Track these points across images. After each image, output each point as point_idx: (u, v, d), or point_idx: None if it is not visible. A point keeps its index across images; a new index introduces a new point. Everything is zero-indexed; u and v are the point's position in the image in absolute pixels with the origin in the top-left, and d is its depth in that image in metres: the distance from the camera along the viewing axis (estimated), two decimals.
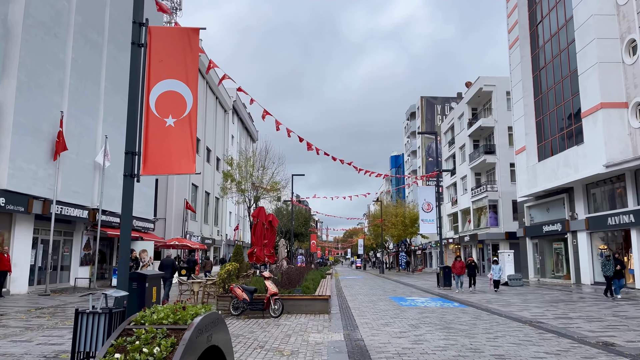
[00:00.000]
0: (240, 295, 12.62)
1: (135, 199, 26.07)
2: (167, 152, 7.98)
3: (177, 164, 7.98)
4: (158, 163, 7.97)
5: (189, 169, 7.96)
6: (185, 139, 8.02)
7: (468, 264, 20.48)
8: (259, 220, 19.83)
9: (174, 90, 8.16)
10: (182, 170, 7.99)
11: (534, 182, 29.03)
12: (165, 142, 7.99)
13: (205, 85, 43.63)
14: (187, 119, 8.09)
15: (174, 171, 8.01)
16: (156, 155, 7.97)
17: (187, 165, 7.97)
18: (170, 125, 8.04)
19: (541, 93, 29.53)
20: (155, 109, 8.05)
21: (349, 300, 17.68)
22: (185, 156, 7.97)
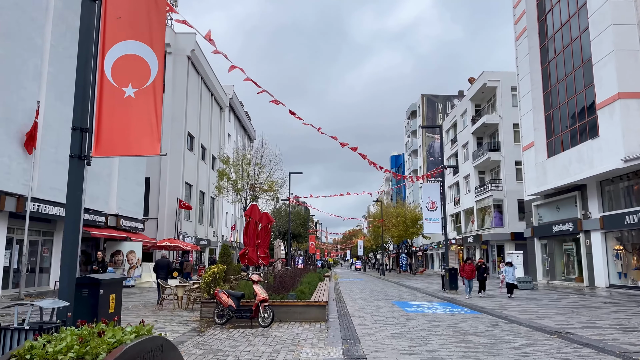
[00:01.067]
0: (225, 302, 11.13)
1: (124, 197, 24.56)
2: (125, 128, 6.48)
3: (138, 143, 6.49)
4: (114, 142, 6.48)
5: (151, 149, 6.47)
6: (148, 113, 6.53)
7: (478, 266, 18.84)
8: (252, 219, 18.29)
9: (135, 54, 6.67)
10: (143, 151, 6.50)
11: (544, 180, 27.55)
12: (124, 117, 6.50)
13: (200, 81, 42.16)
14: (150, 89, 6.59)
15: (133, 152, 6.52)
16: (112, 133, 6.47)
17: (150, 145, 6.48)
18: (130, 96, 6.55)
19: (551, 86, 28.07)
20: (111, 77, 6.55)
21: (348, 305, 16.18)
22: (147, 134, 6.48)
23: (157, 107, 6.60)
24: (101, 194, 24.17)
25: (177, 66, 37.50)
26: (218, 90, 47.61)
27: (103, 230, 23.77)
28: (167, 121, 35.97)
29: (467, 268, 18.59)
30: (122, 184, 26.39)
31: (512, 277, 18.36)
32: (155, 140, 6.49)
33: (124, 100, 6.50)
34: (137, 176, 28.62)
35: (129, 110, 6.48)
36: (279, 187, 39.72)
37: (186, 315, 12.94)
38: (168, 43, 36.72)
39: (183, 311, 14.00)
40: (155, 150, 6.46)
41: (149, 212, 34.96)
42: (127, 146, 6.45)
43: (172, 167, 35.96)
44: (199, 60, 40.19)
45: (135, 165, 28.24)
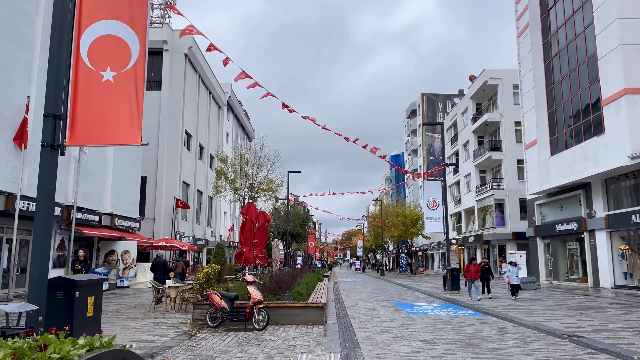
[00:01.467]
0: (218, 304, 10.58)
1: (119, 196, 23.97)
2: (103, 115, 5.93)
3: (117, 131, 5.93)
4: (90, 130, 5.92)
5: (132, 138, 5.92)
6: (128, 99, 5.97)
7: (482, 267, 18.16)
8: (248, 218, 17.73)
9: (114, 34, 6.12)
10: (122, 139, 5.94)
11: (547, 178, 27.00)
12: (101, 103, 5.95)
13: (197, 79, 41.61)
14: (131, 73, 6.04)
15: (111, 141, 5.96)
16: (88, 120, 5.92)
17: (130, 133, 5.93)
18: (108, 80, 6.00)
19: (554, 82, 27.52)
20: (87, 59, 6.00)
21: (348, 307, 15.63)
22: (127, 121, 5.93)
23: (139, 93, 6.05)
24: (95, 192, 23.61)
25: (174, 63, 36.96)
26: (216, 88, 47.06)
27: (97, 230, 23.20)
28: (163, 119, 35.44)
29: (472, 269, 17.72)
30: (117, 183, 25.82)
31: (516, 278, 17.66)
32: (136, 128, 5.94)
33: (102, 85, 5.95)
34: (133, 175, 28.06)
35: (107, 96, 5.93)
36: (278, 186, 39.17)
37: (178, 318, 12.38)
38: (165, 40, 36.21)
39: (176, 313, 13.45)
40: (136, 139, 5.91)
41: (145, 212, 34.42)
42: (105, 135, 5.91)
43: (169, 166, 35.40)
44: (196, 57, 39.65)
45: (131, 163, 27.68)
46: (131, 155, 27.76)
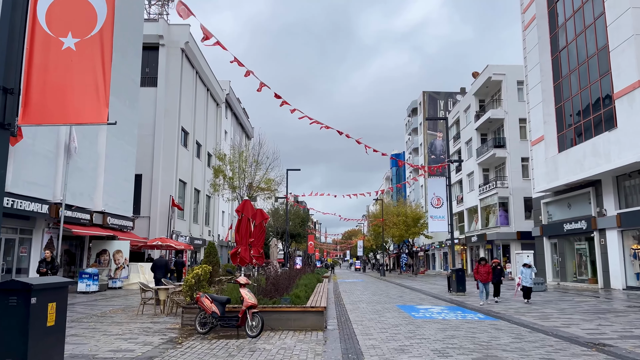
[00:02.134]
0: (208, 308, 9.67)
1: (111, 193, 22.98)
2: (62, 89, 5.01)
3: (79, 108, 5.01)
4: (48, 107, 5.00)
5: (96, 116, 5.00)
6: (93, 70, 5.06)
7: (493, 267, 16.75)
8: (244, 216, 16.79)
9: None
10: (85, 118, 5.02)
11: (554, 175, 26.09)
12: (61, 74, 5.03)
13: (194, 75, 40.67)
14: (96, 40, 5.12)
15: (72, 119, 5.04)
16: (45, 95, 5.00)
17: (95, 111, 5.00)
18: (69, 48, 5.08)
19: (562, 76, 26.61)
20: (45, 23, 5.08)
21: (349, 310, 14.72)
22: (91, 96, 5.01)
23: (105, 63, 5.14)
24: (85, 189, 22.69)
25: (171, 59, 36.04)
26: (214, 85, 46.14)
27: (87, 229, 22.27)
28: (159, 115, 34.56)
29: (482, 270, 16.11)
30: (109, 180, 24.90)
31: (529, 280, 16.41)
32: (101, 105, 5.02)
33: (62, 53, 5.04)
34: (126, 172, 27.13)
35: (69, 66, 5.02)
36: (277, 185, 38.27)
37: (167, 322, 11.47)
38: (161, 35, 35.31)
39: (165, 317, 12.55)
40: (102, 117, 5.00)
41: (141, 211, 33.54)
42: (65, 112, 4.98)
43: (164, 164, 34.49)
44: (193, 53, 38.72)
45: (124, 160, 26.76)
46: (125, 152, 26.84)
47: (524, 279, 16.45)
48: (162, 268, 18.19)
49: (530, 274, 16.50)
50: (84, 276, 20.84)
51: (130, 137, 27.62)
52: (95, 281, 21.04)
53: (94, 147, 23.53)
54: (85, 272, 20.96)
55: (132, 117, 27.94)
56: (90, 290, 20.75)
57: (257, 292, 11.48)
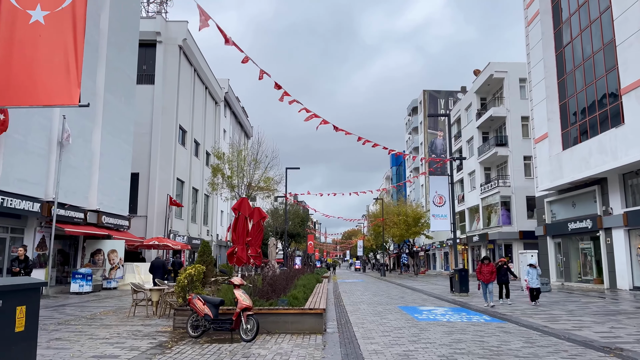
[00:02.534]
0: (200, 310, 9.15)
1: (106, 192, 22.44)
2: (29, 67, 4.48)
3: (48, 89, 4.48)
4: (13, 87, 4.47)
5: (67, 97, 4.47)
6: (63, 46, 4.53)
7: (498, 266, 15.90)
8: (241, 214, 16.27)
9: None
10: (55, 99, 4.49)
11: (559, 174, 25.56)
12: (28, 51, 4.50)
13: (192, 73, 40.15)
14: (68, 13, 4.59)
15: (41, 100, 4.51)
16: (10, 74, 4.47)
17: (65, 91, 4.47)
18: (37, 21, 4.55)
19: (566, 73, 26.09)
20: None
21: (349, 311, 14.18)
22: (61, 76, 4.48)
23: (78, 40, 4.60)
24: (79, 188, 22.14)
25: (168, 56, 35.51)
26: (212, 83, 45.61)
27: (81, 228, 21.73)
28: (157, 113, 34.04)
29: (485, 269, 15.22)
30: (104, 178, 24.35)
31: (536, 281, 15.35)
32: (73, 85, 4.50)
33: (29, 28, 4.51)
34: (122, 170, 26.58)
35: (36, 41, 4.49)
36: (276, 183, 37.75)
37: (158, 325, 10.94)
38: (158, 31, 34.77)
39: (157, 319, 12.01)
40: (73, 99, 4.47)
41: (138, 210, 33.03)
42: (33, 93, 4.46)
43: (162, 162, 33.96)
44: (191, 50, 38.19)
45: (120, 157, 26.22)
46: (120, 150, 26.30)
47: (531, 280, 15.50)
48: (159, 269, 17.73)
49: (536, 274, 15.56)
50: (77, 276, 20.31)
51: (126, 135, 27.09)
52: (88, 282, 20.50)
53: (88, 145, 22.98)
54: (79, 272, 20.42)
55: (128, 114, 27.40)
56: (84, 291, 20.21)
57: (252, 293, 10.96)
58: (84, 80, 22.23)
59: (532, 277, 15.45)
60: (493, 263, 15.90)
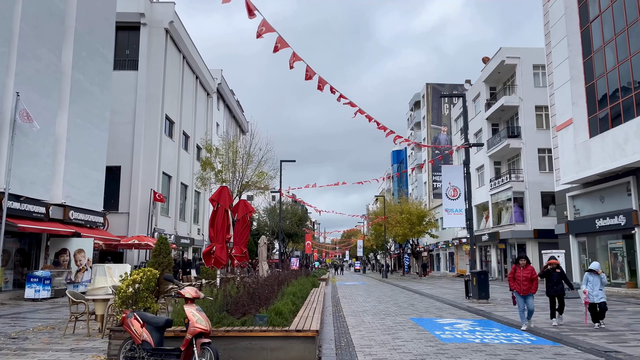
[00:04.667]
0: (137, 334, 6.28)
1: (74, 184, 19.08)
2: None
3: None
4: None
5: None
6: None
7: (546, 271, 11.39)
8: (220, 206, 13.38)
9: None
10: None
11: (586, 164, 22.71)
12: None
13: (181, 60, 37.21)
14: None
15: None
16: None
17: None
18: None
19: (593, 51, 23.24)
20: None
21: (351, 325, 11.30)
22: None
23: None
24: (38, 178, 19.22)
25: (153, 39, 32.61)
26: (204, 73, 42.67)
27: (40, 224, 18.79)
28: (140, 102, 31.13)
29: (522, 274, 10.65)
30: (72, 168, 21.47)
31: (601, 293, 10.79)
32: None
33: None
34: (95, 159, 23.67)
35: None
36: (270, 178, 34.91)
37: (92, 350, 8.08)
38: (142, 13, 31.88)
39: (101, 339, 9.15)
40: None
41: (120, 206, 30.16)
42: None
43: (146, 154, 31.05)
44: (179, 35, 35.27)
45: (91, 145, 23.31)
46: (93, 137, 23.40)
47: (591, 292, 10.91)
48: None
49: (600, 284, 10.89)
50: (33, 280, 17.43)
51: (100, 121, 24.19)
52: (46, 286, 17.61)
53: (51, 129, 20.04)
54: (34, 275, 17.53)
55: (103, 98, 24.50)
56: (40, 297, 17.33)
57: (221, 307, 8.09)
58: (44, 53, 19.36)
59: (594, 288, 10.92)
60: (533, 267, 11.03)
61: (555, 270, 11.37)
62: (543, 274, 11.50)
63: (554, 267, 11.38)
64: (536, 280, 10.73)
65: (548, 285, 11.41)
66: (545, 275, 11.47)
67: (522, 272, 10.85)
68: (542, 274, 11.53)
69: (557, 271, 11.36)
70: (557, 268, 11.39)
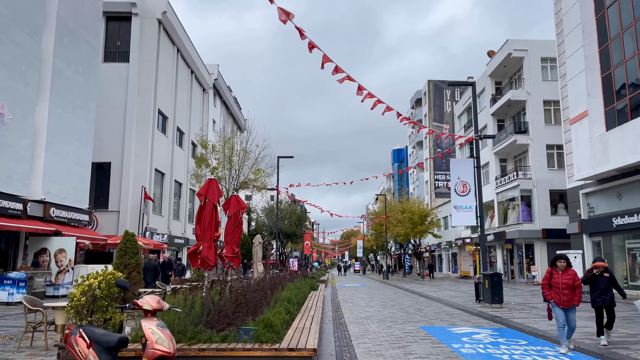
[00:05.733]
0: (82, 355, 4.86)
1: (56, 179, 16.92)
2: None
3: None
4: None
5: None
6: None
7: (592, 276, 9.18)
8: (208, 201, 11.95)
9: None
10: None
11: (603, 158, 21.29)
12: None
13: (175, 53, 35.76)
14: None
15: None
16: None
17: None
18: None
19: (610, 38, 21.84)
20: None
21: (354, 336, 9.86)
22: None
23: None
24: (15, 172, 17.79)
25: (145, 30, 31.18)
26: (200, 67, 41.24)
27: (15, 221, 17.32)
28: (132, 95, 29.71)
29: (563, 280, 8.43)
30: (53, 162, 20.05)
31: None
32: None
33: None
34: (79, 153, 22.24)
35: None
36: (267, 176, 33.55)
37: None
38: (133, 2, 30.48)
39: None
40: None
41: (109, 204, 28.75)
42: None
43: (137, 150, 29.62)
44: (173, 26, 33.83)
45: (75, 138, 21.88)
46: (77, 129, 21.97)
47: None
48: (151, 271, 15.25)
49: None
50: (6, 282, 15.98)
51: (85, 112, 22.75)
52: (21, 289, 16.15)
53: (30, 119, 18.61)
54: (8, 277, 16.07)
55: (88, 88, 23.08)
56: (14, 300, 15.88)
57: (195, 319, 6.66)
58: (22, 37, 17.94)
59: None
60: (574, 269, 8.75)
61: (602, 274, 9.13)
62: (587, 279, 9.23)
63: (602, 271, 9.15)
64: (580, 288, 8.47)
65: (594, 293, 9.12)
66: (590, 281, 9.20)
67: (561, 277, 8.50)
68: (586, 279, 9.26)
69: (606, 275, 9.13)
70: (605, 272, 9.16)
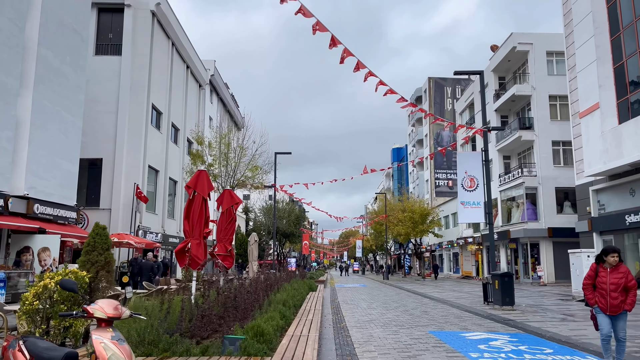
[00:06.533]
0: None
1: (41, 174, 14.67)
2: None
3: None
4: None
5: None
6: None
7: None
8: (197, 194, 10.93)
9: None
10: None
11: (616, 152, 20.33)
12: None
13: (170, 47, 34.66)
14: None
15: None
16: None
17: None
18: None
19: (622, 27, 20.88)
20: None
21: (357, 344, 8.81)
22: None
23: None
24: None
25: (138, 22, 30.12)
26: (195, 62, 40.14)
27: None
28: (124, 89, 28.64)
29: (611, 279, 6.63)
30: (38, 156, 18.98)
31: None
32: None
33: None
34: (66, 147, 21.15)
35: None
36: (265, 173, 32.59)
37: None
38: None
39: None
40: None
41: (101, 202, 27.69)
42: None
43: (130, 146, 28.54)
44: (167, 19, 32.76)
45: (62, 132, 20.80)
46: (64, 122, 20.89)
47: None
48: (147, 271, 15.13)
49: None
50: None
51: (73, 105, 21.67)
52: (0, 289, 15.11)
53: (11, 110, 17.53)
54: None
55: (76, 79, 22.00)
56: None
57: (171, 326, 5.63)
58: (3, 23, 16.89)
59: None
60: (628, 267, 7.49)
61: None
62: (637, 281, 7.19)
63: None
64: (633, 290, 6.61)
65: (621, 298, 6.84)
66: None
67: (609, 275, 6.69)
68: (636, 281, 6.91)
69: None
70: None
